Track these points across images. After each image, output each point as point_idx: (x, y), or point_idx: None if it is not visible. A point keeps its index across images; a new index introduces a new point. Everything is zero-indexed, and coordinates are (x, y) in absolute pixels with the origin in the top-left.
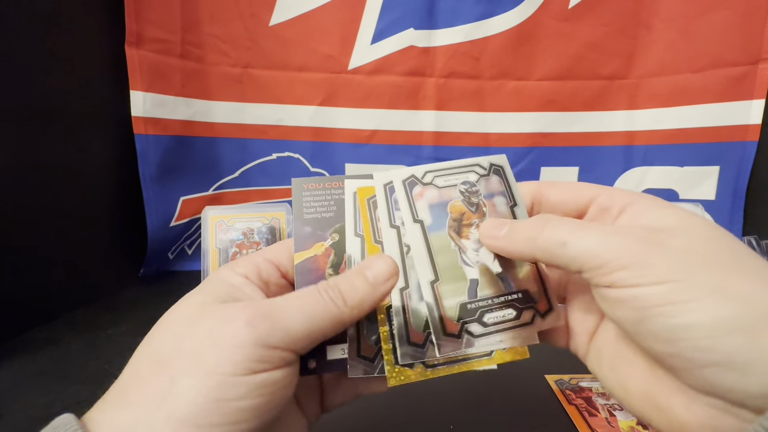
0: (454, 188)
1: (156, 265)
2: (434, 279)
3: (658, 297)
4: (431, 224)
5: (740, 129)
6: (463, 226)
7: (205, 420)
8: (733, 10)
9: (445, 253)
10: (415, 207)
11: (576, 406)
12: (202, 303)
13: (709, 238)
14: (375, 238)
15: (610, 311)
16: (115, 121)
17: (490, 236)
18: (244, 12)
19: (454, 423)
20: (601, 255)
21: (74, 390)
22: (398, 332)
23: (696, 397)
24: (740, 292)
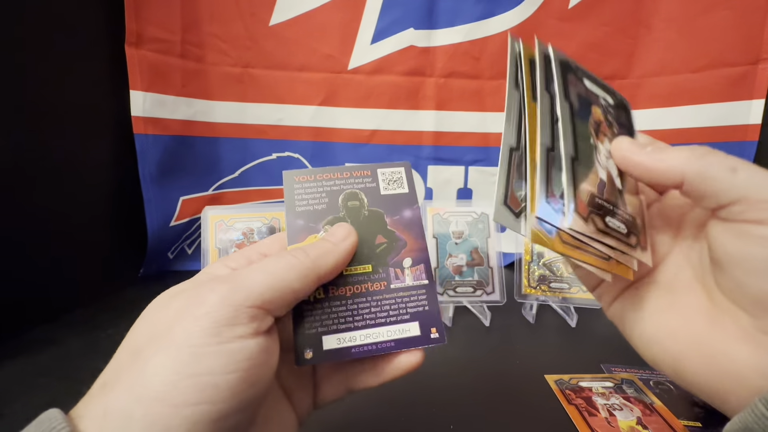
0: (597, 97)
1: (156, 264)
2: (575, 156)
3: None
4: (578, 111)
5: (740, 129)
6: (600, 132)
7: (180, 398)
8: (733, 10)
9: (585, 141)
10: (568, 89)
11: (576, 406)
12: (176, 291)
13: None
14: (533, 96)
15: (739, 248)
16: (115, 120)
17: (630, 150)
18: (245, 12)
19: (454, 423)
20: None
21: (74, 390)
22: (539, 186)
23: (763, 342)
24: None
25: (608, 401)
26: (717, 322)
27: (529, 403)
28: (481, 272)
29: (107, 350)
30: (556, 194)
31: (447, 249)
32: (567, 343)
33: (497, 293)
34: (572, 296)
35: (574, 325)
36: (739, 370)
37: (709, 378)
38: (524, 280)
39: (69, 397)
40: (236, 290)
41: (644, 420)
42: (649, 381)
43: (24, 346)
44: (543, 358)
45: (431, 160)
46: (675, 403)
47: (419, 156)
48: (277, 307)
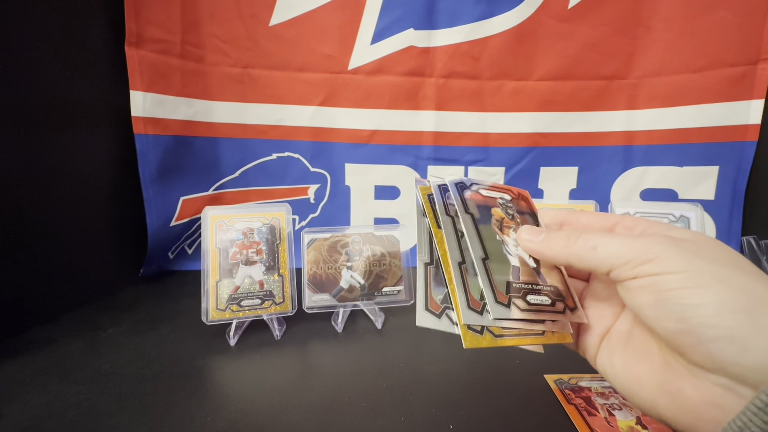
0: (494, 199)
1: (156, 264)
2: (485, 257)
3: (675, 282)
4: (479, 218)
5: (739, 129)
6: (504, 227)
7: None
8: (733, 11)
9: (491, 241)
10: (466, 203)
11: (575, 405)
12: None
13: (716, 247)
14: (437, 225)
15: (632, 299)
16: (115, 121)
17: (528, 240)
18: (245, 12)
19: (454, 423)
20: (627, 254)
21: (74, 390)
22: (460, 298)
23: (703, 377)
24: (741, 283)
25: (608, 401)
26: (668, 363)
27: (529, 403)
28: None
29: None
30: (476, 297)
31: None
32: None
33: None
34: None
35: None
36: (694, 404)
37: (678, 415)
38: None
39: (69, 397)
40: None
41: (644, 420)
42: None
43: (24, 346)
44: (543, 357)
45: (431, 160)
46: None
47: (419, 156)
48: None
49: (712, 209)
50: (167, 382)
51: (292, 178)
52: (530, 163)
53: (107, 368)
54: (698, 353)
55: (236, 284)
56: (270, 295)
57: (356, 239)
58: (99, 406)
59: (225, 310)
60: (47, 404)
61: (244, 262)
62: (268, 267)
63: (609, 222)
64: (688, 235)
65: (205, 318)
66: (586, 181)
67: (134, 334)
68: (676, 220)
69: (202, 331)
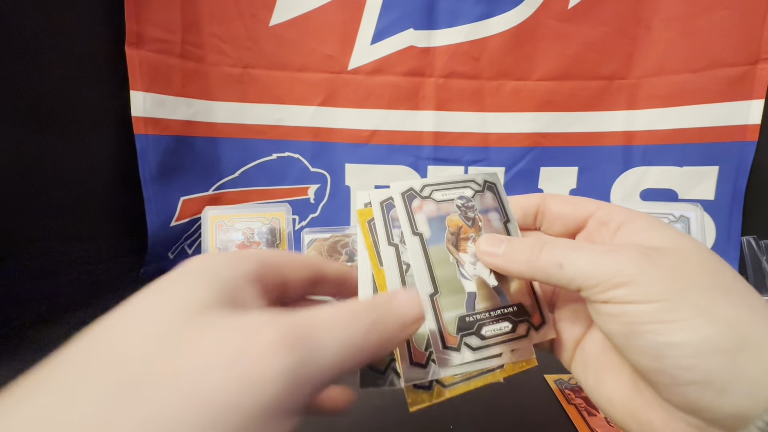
0: (451, 203)
1: (156, 264)
2: (433, 292)
3: (649, 315)
4: (430, 237)
5: (739, 129)
6: (461, 239)
7: None
8: (732, 10)
9: (443, 266)
10: (414, 220)
11: (575, 405)
12: (198, 304)
13: (698, 260)
14: (379, 261)
15: (603, 325)
16: (115, 121)
17: (488, 253)
18: (245, 12)
19: (453, 423)
20: (597, 276)
21: None
22: (401, 354)
23: (675, 414)
24: (725, 315)
25: None
26: (640, 390)
27: (529, 403)
28: None
29: None
30: (420, 348)
31: None
32: None
33: None
34: None
35: None
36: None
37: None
38: None
39: None
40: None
41: None
42: None
43: (24, 346)
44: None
45: (431, 160)
46: None
47: (419, 156)
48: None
49: (712, 209)
50: None
51: (292, 178)
52: (530, 163)
53: None
54: (672, 394)
55: None
56: None
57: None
58: None
59: None
60: None
61: None
62: None
63: (582, 213)
64: (667, 243)
65: None
66: (586, 181)
67: None
68: (676, 220)
69: None
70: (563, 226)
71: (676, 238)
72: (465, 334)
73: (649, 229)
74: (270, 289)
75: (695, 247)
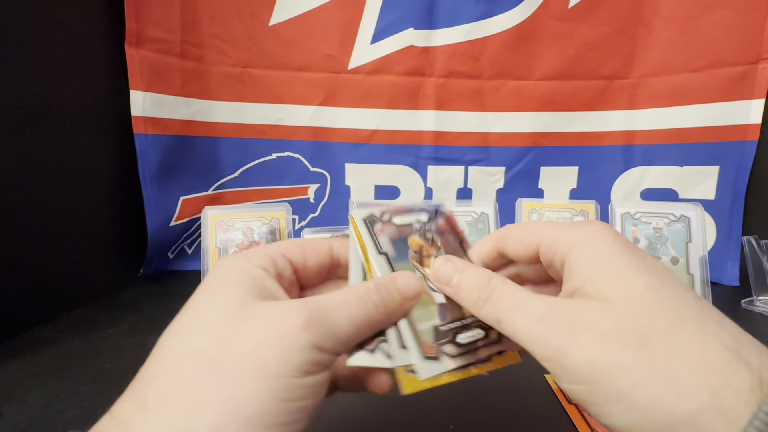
0: (410, 226)
1: (156, 264)
2: None
3: (579, 394)
4: (395, 256)
5: (740, 129)
6: (424, 257)
7: (272, 420)
8: (733, 10)
9: None
10: (378, 241)
11: (576, 405)
12: (239, 300)
13: (639, 310)
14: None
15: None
16: (115, 120)
17: (441, 283)
18: (244, 12)
19: (454, 423)
20: (527, 342)
21: (74, 390)
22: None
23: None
24: (642, 403)
25: None
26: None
27: (529, 403)
28: None
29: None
30: (429, 342)
31: None
32: None
33: None
34: None
35: None
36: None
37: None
38: None
39: (69, 397)
40: (326, 338)
41: None
42: None
43: (24, 346)
44: None
45: (431, 160)
46: None
47: (419, 156)
48: (345, 351)
49: (713, 209)
50: None
51: (292, 178)
52: (530, 163)
53: (107, 368)
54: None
55: None
56: None
57: None
58: (99, 406)
59: None
60: (47, 404)
61: None
62: None
63: (532, 243)
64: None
65: None
66: (586, 180)
67: (134, 333)
68: (676, 219)
69: None
70: (527, 260)
71: (620, 271)
72: (441, 343)
73: (590, 261)
74: (290, 282)
75: (637, 288)
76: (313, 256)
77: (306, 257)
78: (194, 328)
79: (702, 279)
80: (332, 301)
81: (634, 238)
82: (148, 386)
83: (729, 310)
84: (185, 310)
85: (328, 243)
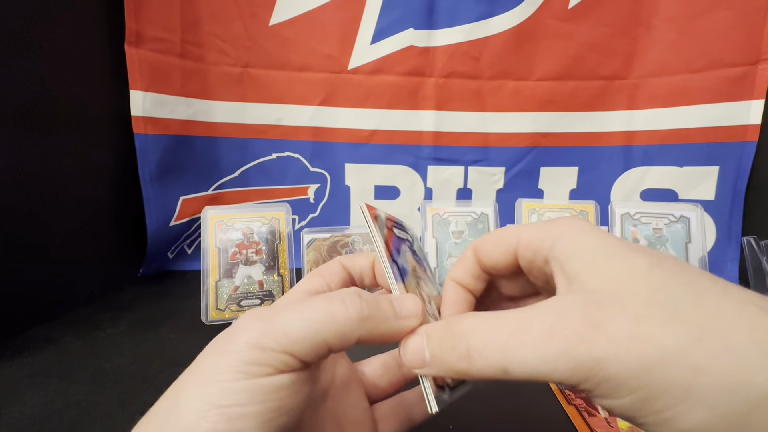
0: (404, 242)
1: (156, 264)
2: None
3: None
4: (402, 269)
5: (740, 129)
6: (419, 278)
7: (209, 427)
8: (733, 11)
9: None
10: (390, 249)
11: (575, 406)
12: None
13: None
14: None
15: None
16: (114, 120)
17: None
18: (244, 12)
19: (453, 423)
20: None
21: (74, 390)
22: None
23: None
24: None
25: None
26: None
27: (529, 403)
28: None
29: (107, 350)
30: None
31: (446, 249)
32: None
33: None
34: None
35: None
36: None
37: None
38: None
39: (68, 397)
40: (267, 333)
41: None
42: None
43: (24, 346)
44: None
45: (431, 160)
46: None
47: (419, 156)
48: (309, 356)
49: (713, 209)
50: (167, 382)
51: (291, 178)
52: (530, 163)
53: (107, 368)
54: None
55: (236, 284)
56: (269, 295)
57: (356, 239)
58: (99, 406)
59: (224, 309)
60: (47, 404)
61: (244, 262)
62: (268, 267)
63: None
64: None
65: (204, 318)
66: (586, 181)
67: (134, 333)
68: (676, 220)
69: (202, 331)
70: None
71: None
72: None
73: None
74: None
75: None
76: (332, 276)
77: (328, 281)
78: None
79: None
80: (296, 302)
81: (633, 238)
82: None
83: None
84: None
85: (337, 260)
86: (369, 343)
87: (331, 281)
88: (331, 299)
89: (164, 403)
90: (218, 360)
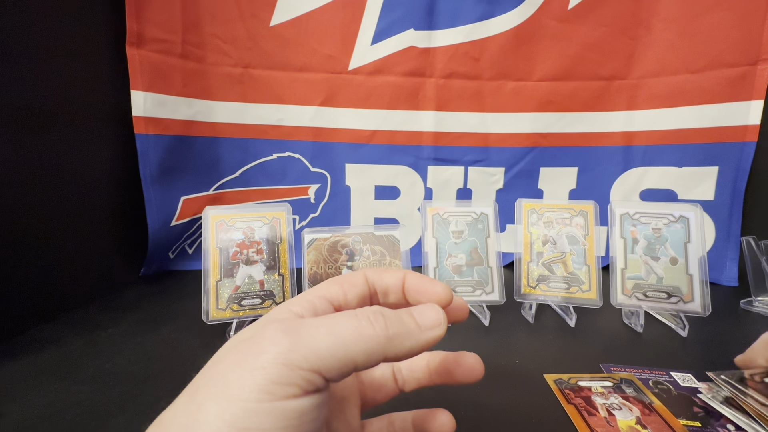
0: None
1: (156, 264)
2: None
3: None
4: None
5: (739, 129)
6: None
7: None
8: (732, 11)
9: None
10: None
11: (575, 405)
12: (245, 335)
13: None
14: None
15: None
16: (116, 121)
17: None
18: (245, 12)
19: None
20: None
21: (74, 390)
22: None
23: None
24: None
25: (607, 401)
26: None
27: (529, 403)
28: (480, 272)
29: (107, 350)
30: None
31: (446, 249)
32: (566, 342)
33: (497, 293)
34: (571, 296)
35: (573, 325)
36: None
37: None
38: (523, 279)
39: (69, 397)
40: (295, 350)
41: (643, 419)
42: (648, 381)
43: (24, 346)
44: (542, 357)
45: (431, 160)
46: (674, 402)
47: (419, 156)
48: (334, 375)
49: (712, 210)
50: (168, 382)
51: (292, 178)
52: (530, 164)
53: (108, 368)
54: None
55: (237, 284)
56: (270, 294)
57: (356, 239)
58: (99, 406)
59: (225, 309)
60: (47, 404)
61: (245, 262)
62: (269, 267)
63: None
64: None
65: (205, 317)
66: (585, 181)
67: (135, 333)
68: (675, 220)
69: (203, 331)
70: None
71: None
72: None
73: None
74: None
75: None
76: (351, 288)
77: (345, 292)
78: (210, 361)
79: (701, 279)
80: (321, 317)
81: (633, 238)
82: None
83: (728, 310)
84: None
85: (362, 273)
86: (395, 360)
87: (349, 292)
88: (358, 317)
89: (181, 416)
90: (244, 375)
